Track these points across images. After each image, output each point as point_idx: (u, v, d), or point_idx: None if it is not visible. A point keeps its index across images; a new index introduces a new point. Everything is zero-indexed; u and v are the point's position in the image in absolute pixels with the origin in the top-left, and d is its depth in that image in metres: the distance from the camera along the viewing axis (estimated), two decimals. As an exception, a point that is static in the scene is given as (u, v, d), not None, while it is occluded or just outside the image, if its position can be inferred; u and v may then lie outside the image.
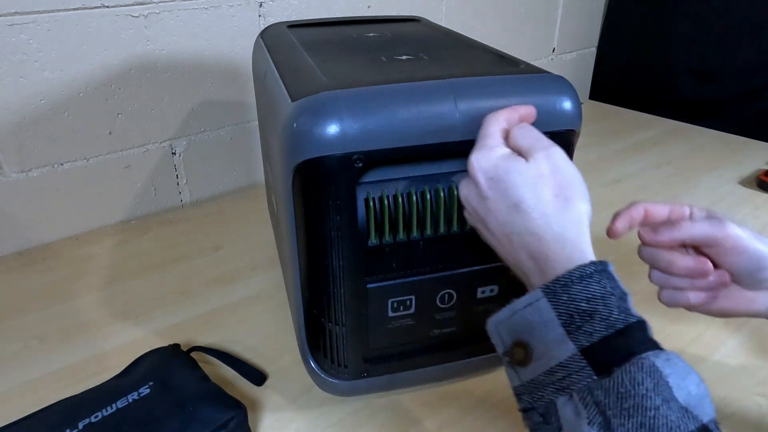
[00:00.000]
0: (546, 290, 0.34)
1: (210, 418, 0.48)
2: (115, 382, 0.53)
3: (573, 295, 0.33)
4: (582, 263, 0.34)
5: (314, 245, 0.46)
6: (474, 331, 0.53)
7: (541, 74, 0.48)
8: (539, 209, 0.37)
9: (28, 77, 0.76)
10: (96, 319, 0.68)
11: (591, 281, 0.33)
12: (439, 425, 0.54)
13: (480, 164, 0.39)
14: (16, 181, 0.80)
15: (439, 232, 0.48)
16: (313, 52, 0.57)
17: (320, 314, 0.49)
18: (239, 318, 0.68)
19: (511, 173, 0.38)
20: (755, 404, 0.55)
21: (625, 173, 1.07)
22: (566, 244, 0.36)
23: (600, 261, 0.35)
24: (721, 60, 1.31)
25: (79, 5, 0.77)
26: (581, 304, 0.33)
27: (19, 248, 0.84)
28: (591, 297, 0.33)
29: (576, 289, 0.33)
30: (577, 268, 0.34)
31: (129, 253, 0.82)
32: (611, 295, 0.33)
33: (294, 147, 0.42)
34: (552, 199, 0.37)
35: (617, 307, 0.33)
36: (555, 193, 0.37)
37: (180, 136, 0.93)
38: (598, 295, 0.33)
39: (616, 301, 0.33)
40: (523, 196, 0.37)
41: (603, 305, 0.32)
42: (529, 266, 0.37)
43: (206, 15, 0.88)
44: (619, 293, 0.33)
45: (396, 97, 0.43)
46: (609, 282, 0.33)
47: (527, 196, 0.37)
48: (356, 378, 0.52)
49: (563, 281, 0.34)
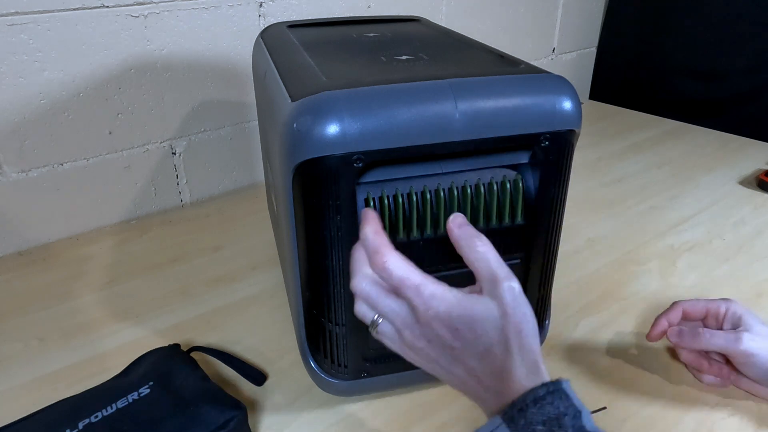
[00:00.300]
0: (504, 416, 0.35)
1: (210, 418, 0.48)
2: (115, 382, 0.52)
3: (529, 418, 0.34)
4: (534, 385, 0.35)
5: (314, 245, 0.46)
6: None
7: (541, 74, 0.48)
8: (507, 349, 0.37)
9: (28, 77, 0.76)
10: (96, 319, 0.68)
11: (544, 403, 0.34)
12: (439, 425, 0.54)
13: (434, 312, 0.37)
14: (16, 181, 0.80)
15: (439, 232, 0.48)
16: (313, 52, 0.57)
17: (320, 314, 0.49)
18: (239, 318, 0.68)
19: (477, 322, 0.37)
20: (755, 404, 0.56)
21: (625, 173, 1.07)
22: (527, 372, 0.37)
23: (553, 381, 0.36)
24: (721, 60, 1.31)
25: (79, 5, 0.77)
26: (537, 426, 0.34)
27: (19, 248, 0.84)
28: (546, 419, 0.34)
29: (531, 411, 0.34)
30: (530, 391, 0.35)
31: (129, 253, 0.82)
32: (564, 415, 0.34)
33: (294, 147, 0.42)
34: (515, 336, 0.37)
35: (571, 426, 0.34)
36: (517, 330, 0.37)
37: (180, 136, 0.93)
38: (552, 417, 0.34)
39: (570, 420, 0.34)
40: (492, 342, 0.37)
41: (558, 426, 0.34)
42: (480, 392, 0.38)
43: (206, 15, 0.88)
44: (573, 412, 0.34)
45: (396, 97, 0.43)
46: (562, 402, 0.35)
47: (496, 340, 0.37)
48: (356, 378, 0.52)
49: (519, 405, 0.35)
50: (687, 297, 0.72)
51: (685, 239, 0.84)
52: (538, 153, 0.47)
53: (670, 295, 0.72)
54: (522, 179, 0.48)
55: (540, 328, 0.56)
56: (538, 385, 0.35)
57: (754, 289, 0.73)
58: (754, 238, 0.85)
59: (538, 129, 0.45)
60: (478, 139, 0.44)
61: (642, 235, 0.85)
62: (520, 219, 0.49)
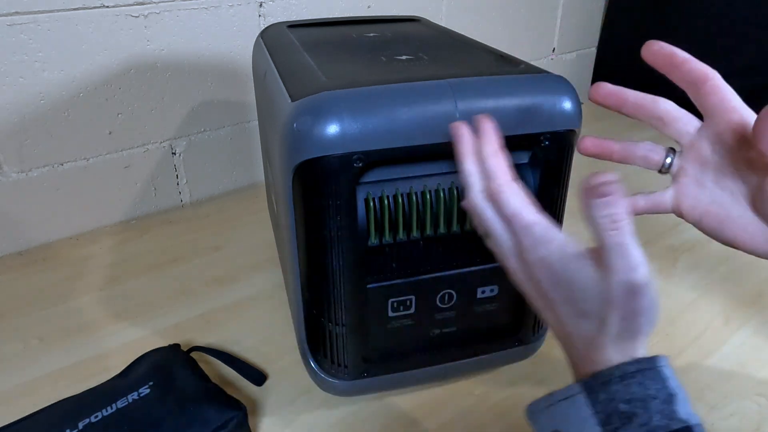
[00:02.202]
0: (584, 385, 0.32)
1: (210, 418, 0.48)
2: (115, 382, 0.53)
3: (611, 394, 0.31)
4: (625, 360, 0.32)
5: (314, 245, 0.46)
6: (474, 331, 0.53)
7: (541, 74, 0.48)
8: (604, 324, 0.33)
9: (28, 77, 0.76)
10: (96, 319, 0.68)
11: (632, 381, 0.31)
12: (439, 425, 0.54)
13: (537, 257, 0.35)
14: (16, 181, 0.80)
15: (439, 232, 0.48)
16: (313, 52, 0.57)
17: (320, 314, 0.49)
18: (239, 318, 0.68)
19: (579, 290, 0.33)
20: (755, 404, 0.55)
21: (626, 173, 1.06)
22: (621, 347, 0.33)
23: (647, 358, 0.32)
24: (721, 60, 1.31)
25: (79, 5, 0.77)
26: (620, 404, 0.31)
27: (19, 248, 0.84)
28: (631, 398, 0.31)
29: (615, 388, 0.31)
30: (619, 366, 0.32)
31: (129, 253, 0.82)
32: (653, 399, 0.31)
33: (294, 147, 0.42)
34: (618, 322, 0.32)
35: (659, 411, 0.30)
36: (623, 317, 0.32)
37: (180, 136, 0.93)
38: (639, 397, 0.31)
39: (659, 405, 0.30)
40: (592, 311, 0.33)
41: (643, 409, 0.30)
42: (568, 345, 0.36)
43: (206, 15, 0.88)
44: (664, 395, 0.31)
45: (396, 97, 0.43)
46: (653, 383, 0.31)
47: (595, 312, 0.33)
48: (356, 378, 0.52)
49: (603, 378, 0.32)
50: (687, 297, 0.72)
51: (685, 239, 0.84)
52: (538, 153, 0.47)
53: (670, 295, 0.72)
54: (522, 179, 0.48)
55: (541, 327, 0.56)
56: (629, 360, 0.32)
57: (754, 289, 0.73)
58: (754, 238, 0.85)
59: (538, 129, 0.46)
60: (478, 139, 0.44)
61: (642, 235, 0.85)
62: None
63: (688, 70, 0.42)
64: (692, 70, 0.42)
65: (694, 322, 0.67)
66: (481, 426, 0.54)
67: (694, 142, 0.44)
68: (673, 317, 0.68)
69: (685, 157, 0.45)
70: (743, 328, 0.66)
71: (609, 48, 1.51)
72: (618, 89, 0.46)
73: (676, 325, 0.67)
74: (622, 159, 0.48)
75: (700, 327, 0.66)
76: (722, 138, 0.41)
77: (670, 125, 0.45)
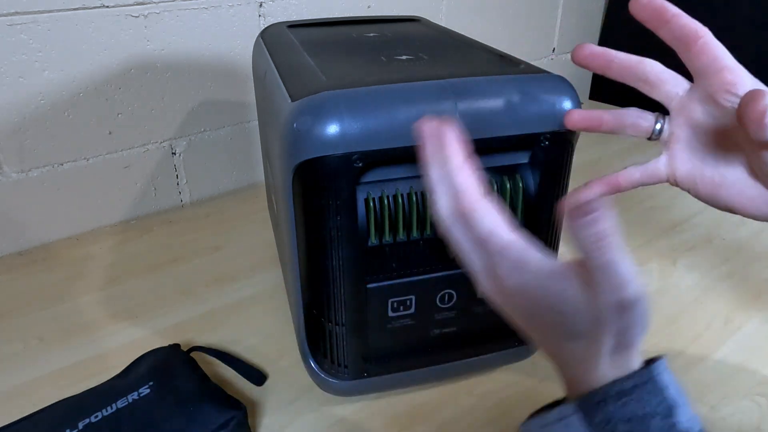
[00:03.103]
0: (580, 405, 0.30)
1: (210, 418, 0.48)
2: (115, 382, 0.52)
3: (608, 415, 0.29)
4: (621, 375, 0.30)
5: (314, 245, 0.46)
6: (474, 331, 0.53)
7: (541, 74, 0.48)
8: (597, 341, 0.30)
9: (28, 77, 0.76)
10: (96, 319, 0.68)
11: (629, 399, 0.29)
12: (439, 425, 0.54)
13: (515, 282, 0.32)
14: (16, 181, 0.80)
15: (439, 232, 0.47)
16: (313, 52, 0.57)
17: (320, 314, 0.49)
18: (239, 318, 0.68)
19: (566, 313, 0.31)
20: (755, 404, 0.55)
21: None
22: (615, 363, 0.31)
23: (644, 370, 0.30)
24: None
25: (79, 5, 0.77)
26: (618, 425, 0.29)
27: (19, 248, 0.84)
28: (630, 418, 0.28)
29: (611, 408, 0.29)
30: (614, 383, 0.30)
31: (129, 253, 0.82)
32: (653, 417, 0.29)
33: (294, 147, 0.42)
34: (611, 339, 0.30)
35: (659, 429, 0.29)
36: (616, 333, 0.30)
37: (180, 136, 0.93)
38: (638, 416, 0.29)
39: (659, 422, 0.29)
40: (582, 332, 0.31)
41: (643, 428, 0.28)
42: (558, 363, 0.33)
43: (206, 15, 0.88)
44: (664, 409, 0.29)
45: (396, 97, 0.43)
46: (652, 397, 0.29)
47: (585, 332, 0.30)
48: (356, 378, 0.52)
49: (598, 397, 0.29)
50: (687, 297, 0.72)
51: (685, 239, 0.84)
52: (538, 153, 0.47)
53: (670, 295, 0.72)
54: (522, 179, 0.48)
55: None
56: (625, 376, 0.30)
57: (754, 289, 0.73)
58: (754, 238, 0.85)
59: (538, 129, 0.46)
60: (477, 140, 0.44)
61: (642, 235, 0.85)
62: (520, 219, 0.49)
63: (679, 26, 0.39)
64: (683, 26, 0.38)
65: (694, 322, 0.67)
66: (481, 426, 0.54)
67: (684, 105, 0.40)
68: (673, 317, 0.68)
69: (675, 121, 0.41)
70: (743, 328, 0.66)
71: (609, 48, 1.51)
72: (603, 50, 0.43)
73: (676, 325, 0.67)
74: (612, 129, 0.44)
75: (700, 327, 0.66)
76: (714, 99, 0.38)
77: (658, 87, 0.42)
